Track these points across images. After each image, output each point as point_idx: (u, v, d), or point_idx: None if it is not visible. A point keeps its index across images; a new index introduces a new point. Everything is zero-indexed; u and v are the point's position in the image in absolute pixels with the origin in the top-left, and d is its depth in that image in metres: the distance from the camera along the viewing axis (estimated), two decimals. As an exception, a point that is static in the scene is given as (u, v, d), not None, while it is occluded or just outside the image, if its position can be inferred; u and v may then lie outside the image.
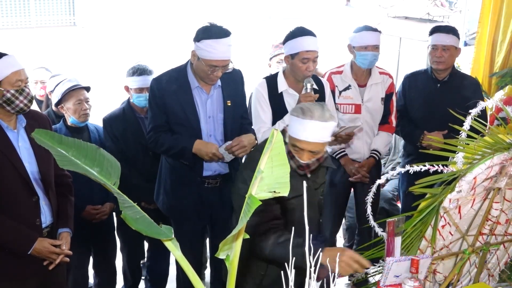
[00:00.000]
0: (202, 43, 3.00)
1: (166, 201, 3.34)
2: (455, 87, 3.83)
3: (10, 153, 2.58)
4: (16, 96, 2.55)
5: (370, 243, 3.14)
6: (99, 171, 1.46)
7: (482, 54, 4.44)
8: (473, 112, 2.68)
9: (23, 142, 2.65)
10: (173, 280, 3.90)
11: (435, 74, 3.90)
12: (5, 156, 2.54)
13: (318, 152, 2.49)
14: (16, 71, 2.57)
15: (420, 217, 2.59)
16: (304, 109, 2.43)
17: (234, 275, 1.42)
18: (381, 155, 3.94)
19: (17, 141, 2.63)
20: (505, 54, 4.27)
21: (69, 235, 2.78)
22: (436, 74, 3.90)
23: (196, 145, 3.07)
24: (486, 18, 4.39)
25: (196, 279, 1.44)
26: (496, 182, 2.61)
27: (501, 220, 2.79)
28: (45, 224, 2.73)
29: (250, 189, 1.38)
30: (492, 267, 2.88)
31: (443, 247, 2.68)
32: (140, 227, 1.42)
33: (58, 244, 2.69)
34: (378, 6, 20.78)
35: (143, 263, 4.14)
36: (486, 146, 2.56)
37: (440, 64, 3.82)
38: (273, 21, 17.43)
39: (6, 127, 2.60)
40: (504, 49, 4.26)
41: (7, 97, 2.54)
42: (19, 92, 2.56)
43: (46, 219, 2.73)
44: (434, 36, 3.85)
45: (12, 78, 2.55)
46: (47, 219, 2.73)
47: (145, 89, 3.74)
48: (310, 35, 3.35)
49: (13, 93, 2.54)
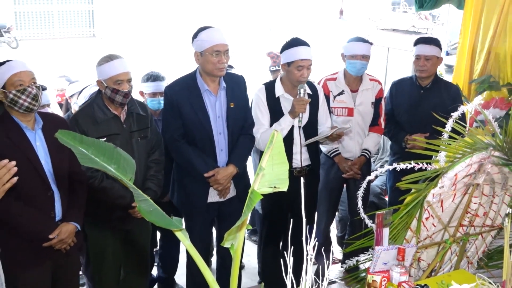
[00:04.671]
0: (199, 37, 3.07)
1: (179, 196, 3.35)
2: (437, 93, 3.82)
3: (29, 151, 2.58)
4: (18, 96, 2.53)
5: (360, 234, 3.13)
6: (116, 168, 1.45)
7: (462, 63, 4.43)
8: (455, 115, 2.68)
9: (40, 141, 2.65)
10: (183, 266, 3.90)
11: (419, 81, 3.89)
12: (24, 154, 2.54)
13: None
14: (17, 73, 2.55)
15: (406, 210, 2.59)
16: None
17: (238, 262, 1.42)
18: (371, 154, 3.94)
19: (34, 141, 2.62)
20: (483, 63, 4.26)
21: (75, 229, 2.75)
22: (420, 81, 3.89)
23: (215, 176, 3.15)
24: (466, 30, 4.39)
25: (204, 265, 1.44)
26: (475, 178, 2.61)
27: (480, 213, 2.79)
28: (58, 217, 2.73)
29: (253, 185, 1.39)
30: (471, 255, 2.88)
31: (427, 237, 2.68)
32: (153, 218, 1.43)
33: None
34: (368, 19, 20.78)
35: (155, 251, 4.14)
36: (466, 146, 2.56)
37: (423, 72, 3.81)
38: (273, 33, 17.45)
39: (25, 127, 2.60)
40: (483, 58, 4.26)
41: (10, 97, 2.52)
42: (21, 92, 2.53)
43: (59, 213, 2.73)
44: (417, 47, 3.84)
45: (13, 79, 2.54)
46: (60, 212, 2.74)
47: (158, 94, 3.74)
48: (304, 45, 3.35)
49: (15, 93, 2.52)
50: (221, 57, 3.05)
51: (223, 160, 3.23)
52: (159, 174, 3.17)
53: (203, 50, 3.05)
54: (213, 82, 3.16)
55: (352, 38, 3.85)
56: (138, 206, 1.42)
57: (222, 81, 3.17)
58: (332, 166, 3.88)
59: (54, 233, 2.66)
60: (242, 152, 3.27)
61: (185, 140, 3.17)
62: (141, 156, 3.06)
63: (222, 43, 3.06)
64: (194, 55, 3.12)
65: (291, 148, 3.40)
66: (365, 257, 2.78)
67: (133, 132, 3.03)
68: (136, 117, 3.06)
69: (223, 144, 3.21)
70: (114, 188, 2.97)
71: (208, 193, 3.24)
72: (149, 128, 3.11)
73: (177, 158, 3.25)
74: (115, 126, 2.98)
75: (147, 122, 3.11)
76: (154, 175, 3.14)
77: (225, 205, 3.31)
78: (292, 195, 2.30)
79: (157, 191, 3.13)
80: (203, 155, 3.16)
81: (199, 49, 3.08)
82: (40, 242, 2.65)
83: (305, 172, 3.49)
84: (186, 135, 3.17)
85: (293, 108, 3.31)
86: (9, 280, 2.45)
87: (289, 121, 3.35)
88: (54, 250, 2.71)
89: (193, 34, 3.12)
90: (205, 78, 3.14)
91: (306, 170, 3.50)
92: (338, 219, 4.49)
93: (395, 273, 2.18)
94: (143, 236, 3.29)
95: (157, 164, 3.16)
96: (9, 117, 2.58)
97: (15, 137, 2.56)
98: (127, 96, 2.95)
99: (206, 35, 3.06)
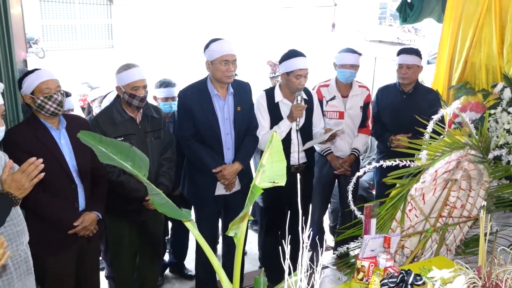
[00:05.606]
0: (210, 47, 3.06)
1: (190, 190, 3.34)
2: (418, 98, 3.81)
3: (54, 149, 2.58)
4: (45, 102, 2.54)
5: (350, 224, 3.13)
6: (132, 165, 1.45)
7: (441, 71, 4.42)
8: (435, 118, 2.68)
9: (64, 140, 2.65)
10: (192, 253, 3.90)
11: (402, 87, 3.88)
12: (50, 151, 2.54)
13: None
14: (44, 81, 2.55)
15: (391, 203, 2.59)
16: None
17: (241, 249, 1.42)
18: (360, 152, 3.93)
19: (59, 139, 2.63)
20: (461, 71, 4.25)
21: (97, 217, 2.77)
22: (402, 87, 3.88)
23: (223, 172, 3.14)
24: (445, 41, 4.38)
25: (211, 252, 1.44)
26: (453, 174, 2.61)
27: (457, 205, 2.79)
28: (82, 207, 2.74)
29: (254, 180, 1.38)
30: (449, 243, 2.87)
31: (410, 227, 2.68)
32: (165, 210, 1.42)
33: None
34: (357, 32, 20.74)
35: (167, 239, 4.14)
36: (445, 145, 2.56)
37: (405, 79, 3.81)
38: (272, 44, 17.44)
39: (50, 127, 2.60)
40: (460, 67, 4.24)
41: (38, 103, 2.54)
42: (48, 98, 2.54)
43: (82, 203, 2.74)
44: (400, 56, 3.84)
45: (41, 87, 2.55)
46: (83, 203, 2.74)
47: (170, 98, 3.73)
48: (301, 56, 3.34)
49: (42, 99, 2.53)
50: (229, 66, 3.04)
51: (230, 158, 3.22)
52: (171, 170, 3.17)
53: (213, 59, 3.05)
54: (222, 88, 3.15)
55: (343, 49, 3.84)
56: (151, 199, 1.41)
57: (230, 87, 3.17)
58: (325, 163, 3.88)
59: (78, 221, 2.68)
60: (247, 151, 3.27)
61: (196, 139, 3.17)
62: (155, 154, 3.06)
63: (231, 53, 3.05)
64: (205, 64, 3.11)
65: (289, 148, 3.40)
66: (354, 244, 2.77)
67: (147, 132, 3.03)
68: (150, 119, 3.06)
69: (230, 143, 3.20)
70: (130, 182, 2.97)
71: (215, 186, 3.24)
72: (162, 129, 3.11)
73: (189, 155, 3.25)
74: (131, 127, 2.97)
75: (160, 124, 3.10)
76: (166, 172, 3.14)
77: (230, 198, 3.31)
78: (290, 190, 2.30)
79: (168, 186, 3.13)
80: (212, 153, 3.16)
81: (210, 58, 3.07)
82: (65, 229, 2.66)
83: (302, 169, 3.48)
84: (197, 135, 3.17)
85: (291, 113, 3.31)
86: (38, 264, 2.46)
87: (287, 125, 3.35)
88: (78, 236, 2.71)
89: (205, 45, 3.11)
90: (215, 84, 3.14)
91: (303, 167, 3.49)
92: (331, 211, 4.49)
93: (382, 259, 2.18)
94: (156, 226, 3.29)
95: (169, 161, 3.16)
96: (36, 119, 2.59)
97: (42, 136, 2.57)
98: (143, 100, 2.95)
99: (217, 46, 3.05)
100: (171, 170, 3.17)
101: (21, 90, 2.60)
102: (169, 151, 3.17)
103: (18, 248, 2.28)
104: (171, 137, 3.22)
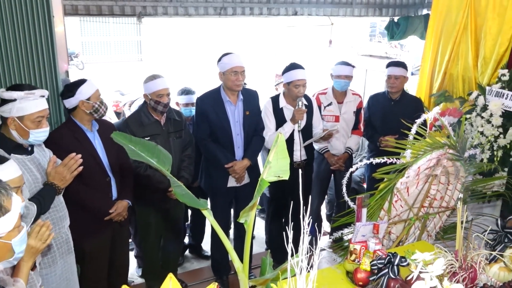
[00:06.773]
0: (222, 60, 3.07)
1: (206, 182, 3.35)
2: (404, 105, 3.80)
3: (90, 147, 2.60)
4: (100, 106, 2.59)
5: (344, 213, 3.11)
6: (157, 161, 1.45)
7: (424, 81, 4.39)
8: (418, 122, 2.66)
9: (97, 140, 2.66)
10: (208, 236, 3.91)
11: (390, 95, 3.86)
12: (86, 150, 2.56)
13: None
14: (97, 89, 2.61)
15: (380, 195, 2.57)
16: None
17: (250, 233, 1.42)
18: (353, 151, 3.91)
19: (94, 139, 2.64)
20: (441, 81, 4.22)
21: (127, 204, 2.78)
22: (391, 95, 3.86)
23: (234, 167, 3.14)
24: (427, 55, 4.35)
25: (224, 236, 1.43)
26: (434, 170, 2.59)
27: (437, 197, 2.76)
28: (114, 197, 2.75)
29: (262, 174, 1.38)
30: (430, 230, 2.85)
31: (396, 216, 2.66)
32: (185, 200, 1.42)
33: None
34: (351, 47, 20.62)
35: (187, 224, 4.16)
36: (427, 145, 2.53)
37: (393, 88, 3.79)
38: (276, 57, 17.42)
39: (86, 130, 2.62)
40: (440, 77, 4.21)
41: (95, 107, 2.57)
42: (101, 102, 2.60)
43: (115, 193, 2.75)
44: (389, 68, 3.82)
45: (96, 94, 2.59)
46: (115, 193, 2.76)
47: (190, 104, 3.74)
48: (300, 68, 3.33)
49: (98, 104, 2.58)
50: (238, 76, 3.04)
51: (240, 155, 3.22)
52: (190, 166, 3.17)
53: (225, 71, 3.05)
54: (233, 95, 3.15)
55: (338, 62, 3.83)
56: (173, 190, 1.42)
57: (240, 94, 3.17)
58: (322, 160, 3.87)
59: (112, 208, 2.69)
60: (255, 149, 3.26)
61: (211, 139, 3.17)
62: (177, 151, 3.07)
63: (240, 65, 3.05)
64: (218, 74, 3.12)
65: (292, 146, 3.39)
66: (348, 230, 2.76)
67: (170, 133, 3.04)
68: (173, 121, 3.06)
69: (240, 142, 3.20)
70: (155, 175, 2.98)
71: (228, 179, 3.24)
72: (183, 130, 3.12)
73: (205, 152, 3.25)
74: (157, 128, 2.99)
75: (181, 126, 3.11)
76: (187, 167, 3.14)
77: (240, 190, 3.31)
78: (292, 183, 2.29)
79: (188, 179, 3.13)
80: (224, 150, 3.16)
81: (222, 70, 3.08)
82: (102, 216, 2.67)
83: (303, 165, 3.47)
84: (212, 135, 3.17)
85: (293, 116, 3.30)
86: (78, 245, 2.48)
87: (290, 127, 3.34)
88: (112, 222, 2.73)
89: (218, 58, 3.12)
90: (226, 92, 3.14)
91: (304, 163, 3.48)
92: (327, 201, 4.48)
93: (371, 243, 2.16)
94: (177, 213, 3.30)
95: (189, 158, 3.17)
96: (73, 122, 2.60)
97: (80, 137, 2.58)
98: (167, 106, 2.96)
99: (228, 59, 3.06)
100: (191, 165, 3.18)
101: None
102: (189, 149, 3.18)
103: (60, 231, 2.30)
104: (191, 137, 3.22)
